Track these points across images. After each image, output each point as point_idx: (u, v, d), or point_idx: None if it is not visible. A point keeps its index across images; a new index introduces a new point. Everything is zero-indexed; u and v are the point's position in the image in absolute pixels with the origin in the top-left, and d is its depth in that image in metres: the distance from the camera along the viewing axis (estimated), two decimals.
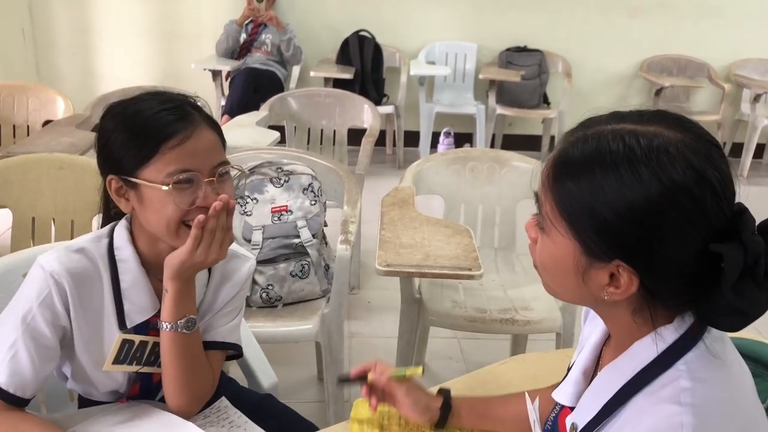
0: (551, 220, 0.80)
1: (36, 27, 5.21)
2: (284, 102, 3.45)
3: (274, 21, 4.85)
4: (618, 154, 0.74)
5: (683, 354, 0.78)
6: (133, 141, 1.10)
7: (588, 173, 0.75)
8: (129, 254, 1.18)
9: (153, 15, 5.21)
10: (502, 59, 5.18)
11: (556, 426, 0.97)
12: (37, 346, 1.13)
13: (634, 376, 0.80)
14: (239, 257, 1.32)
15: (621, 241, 0.75)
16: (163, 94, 1.14)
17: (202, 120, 1.13)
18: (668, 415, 0.74)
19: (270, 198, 2.06)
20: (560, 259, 0.81)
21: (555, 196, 0.79)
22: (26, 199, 1.98)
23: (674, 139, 0.75)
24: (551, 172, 0.80)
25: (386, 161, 5.15)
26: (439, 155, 2.51)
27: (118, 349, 1.18)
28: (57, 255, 1.15)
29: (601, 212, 0.75)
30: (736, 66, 5.27)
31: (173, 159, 1.08)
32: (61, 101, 3.27)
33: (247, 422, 1.22)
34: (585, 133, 0.79)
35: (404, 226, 1.91)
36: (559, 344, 2.12)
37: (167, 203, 1.09)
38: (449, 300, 2.18)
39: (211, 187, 1.11)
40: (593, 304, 0.86)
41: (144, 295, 1.19)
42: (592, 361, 0.94)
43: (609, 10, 5.21)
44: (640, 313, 0.80)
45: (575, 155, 0.78)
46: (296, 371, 2.54)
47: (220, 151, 1.15)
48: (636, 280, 0.76)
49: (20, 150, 2.36)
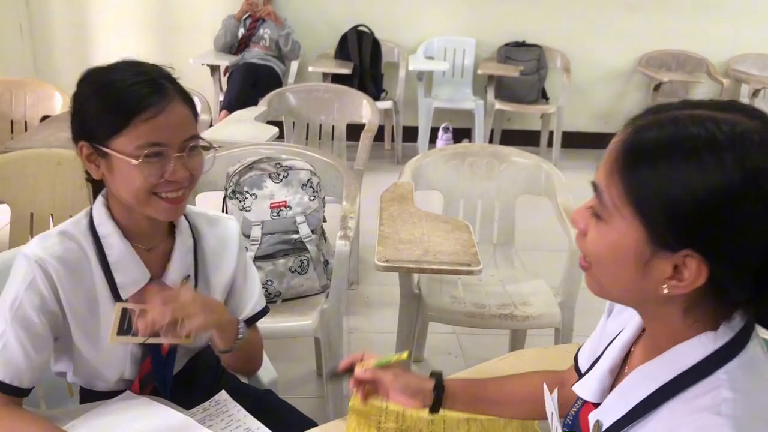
0: (616, 207, 0.76)
1: (33, 22, 5.19)
2: (283, 97, 3.45)
3: (272, 16, 4.84)
4: (699, 139, 0.71)
5: (725, 363, 0.75)
6: (106, 111, 1.10)
7: (665, 158, 0.72)
8: (110, 228, 1.18)
9: (151, 10, 5.20)
10: (500, 54, 5.18)
11: (577, 421, 0.95)
12: (28, 334, 1.14)
13: (670, 380, 0.78)
14: (221, 220, 1.35)
15: (696, 229, 0.71)
16: (140, 65, 1.15)
17: (176, 94, 1.13)
18: (707, 425, 0.72)
19: (269, 193, 2.06)
20: (621, 249, 0.77)
21: (625, 182, 0.75)
22: (24, 194, 1.98)
23: (756, 127, 0.72)
24: (621, 157, 0.76)
25: (385, 157, 5.14)
26: (438, 151, 2.51)
27: (119, 318, 1.18)
28: (38, 241, 1.16)
29: (677, 199, 0.71)
30: (735, 61, 5.27)
31: (144, 132, 1.09)
32: (59, 96, 3.26)
33: (247, 416, 1.22)
34: (658, 117, 0.76)
35: (403, 221, 1.91)
36: (557, 340, 2.12)
37: (136, 175, 1.10)
38: (448, 295, 2.18)
39: (180, 162, 1.12)
40: (642, 302, 0.82)
41: (133, 266, 1.20)
42: (620, 359, 0.91)
43: (608, 5, 5.21)
44: (692, 311, 0.77)
45: (650, 140, 0.74)
46: (295, 367, 2.54)
47: (192, 125, 1.16)
48: (705, 271, 0.72)
49: (18, 145, 2.35)
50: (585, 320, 2.50)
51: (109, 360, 1.24)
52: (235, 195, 2.05)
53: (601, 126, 5.43)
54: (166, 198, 1.14)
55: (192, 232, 1.29)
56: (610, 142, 0.79)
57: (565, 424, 0.99)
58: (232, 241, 1.34)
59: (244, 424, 1.20)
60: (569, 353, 1.35)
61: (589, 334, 1.07)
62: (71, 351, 1.22)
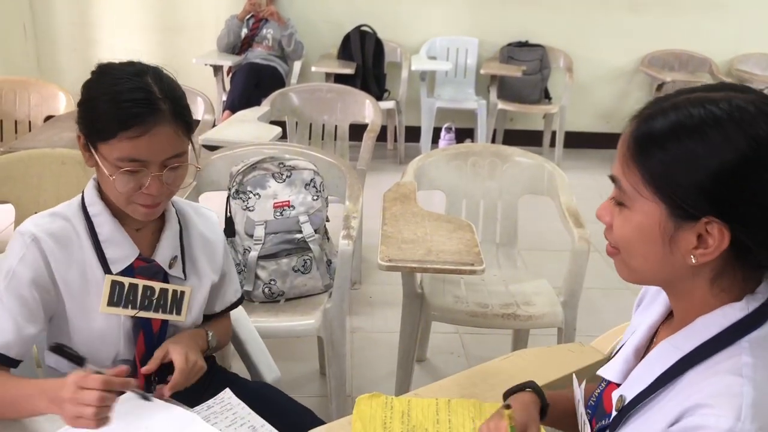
0: (636, 190, 0.82)
1: (37, 22, 5.20)
2: (286, 97, 3.45)
3: (275, 16, 4.84)
4: (701, 118, 0.77)
5: (748, 333, 0.80)
6: (102, 117, 1.16)
7: (675, 140, 0.78)
8: (101, 208, 1.25)
9: (154, 9, 5.21)
10: (503, 54, 5.18)
11: (601, 401, 0.97)
12: (19, 305, 1.19)
13: (693, 349, 0.82)
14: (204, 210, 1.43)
15: (712, 196, 0.77)
16: (144, 76, 1.18)
17: (169, 113, 1.17)
18: (729, 384, 0.76)
19: (272, 193, 2.06)
20: (646, 227, 0.82)
21: (640, 166, 0.81)
22: (29, 194, 1.99)
23: (749, 98, 0.78)
24: (633, 146, 0.82)
25: (387, 156, 5.15)
26: (440, 150, 2.52)
27: (109, 290, 1.24)
28: (31, 220, 1.23)
29: (691, 173, 0.77)
30: (738, 61, 5.26)
31: (126, 148, 1.15)
32: (63, 96, 3.27)
33: (251, 413, 1.23)
34: (660, 106, 0.82)
35: (406, 221, 1.92)
36: (560, 339, 2.12)
37: (112, 183, 1.18)
38: (451, 295, 2.19)
39: (157, 178, 1.18)
40: (672, 279, 0.85)
41: (123, 242, 1.26)
42: (646, 340, 0.94)
43: (610, 5, 5.21)
44: (719, 280, 0.82)
45: (657, 126, 0.80)
46: (298, 366, 2.55)
47: (178, 144, 1.20)
48: (728, 234, 0.77)
49: (22, 145, 2.36)
50: (588, 320, 2.51)
51: (103, 335, 1.27)
52: (238, 195, 2.06)
53: (603, 126, 5.43)
54: (142, 204, 1.21)
55: (178, 217, 1.35)
56: (618, 140, 0.84)
57: (588, 406, 1.01)
58: (217, 229, 1.43)
59: (249, 421, 1.21)
60: (572, 353, 1.36)
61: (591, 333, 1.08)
62: (67, 329, 1.25)
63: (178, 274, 1.32)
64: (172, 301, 1.29)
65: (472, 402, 1.21)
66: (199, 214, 1.41)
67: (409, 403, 1.20)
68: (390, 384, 2.21)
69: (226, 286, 1.46)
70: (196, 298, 1.35)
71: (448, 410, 1.18)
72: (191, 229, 1.37)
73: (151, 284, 1.27)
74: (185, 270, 1.33)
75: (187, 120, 1.22)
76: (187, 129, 1.22)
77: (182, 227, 1.35)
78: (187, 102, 1.23)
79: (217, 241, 1.41)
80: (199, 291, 1.36)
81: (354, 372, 2.48)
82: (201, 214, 1.42)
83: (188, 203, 1.42)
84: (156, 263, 1.28)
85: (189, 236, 1.36)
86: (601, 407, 0.96)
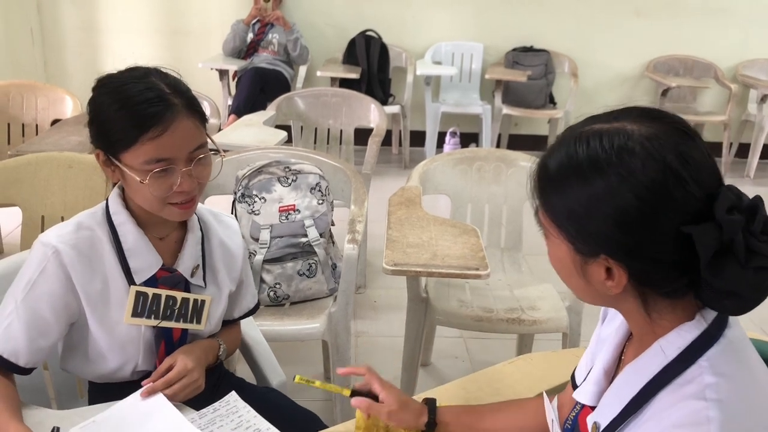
0: (546, 227, 0.86)
1: (44, 27, 5.23)
2: (291, 101, 3.46)
3: (281, 21, 4.86)
4: (584, 158, 0.79)
5: (705, 350, 0.79)
6: (117, 126, 1.16)
7: (564, 182, 0.81)
8: (125, 217, 1.24)
9: (160, 14, 5.23)
10: (508, 59, 5.18)
11: (577, 425, 0.97)
12: (34, 316, 1.19)
13: (657, 373, 0.81)
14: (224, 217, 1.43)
15: (600, 237, 0.79)
16: (149, 77, 1.18)
17: (183, 107, 1.17)
18: (694, 410, 0.75)
19: (278, 197, 2.07)
20: (562, 261, 0.85)
21: (542, 205, 0.85)
22: (36, 197, 2.00)
23: (637, 133, 0.77)
24: (535, 184, 0.86)
25: (392, 161, 5.15)
26: (445, 155, 2.52)
27: (134, 301, 1.23)
28: (55, 230, 1.22)
29: (578, 215, 0.79)
30: (743, 66, 5.25)
31: (150, 149, 1.15)
32: (69, 100, 3.29)
33: (256, 417, 1.23)
34: (561, 139, 0.84)
35: (411, 225, 1.92)
36: (565, 344, 2.12)
37: (145, 189, 1.17)
38: (456, 299, 2.19)
39: (187, 174, 1.18)
40: (610, 303, 0.87)
41: (147, 252, 1.25)
42: (614, 360, 0.94)
43: (616, 10, 5.21)
44: (649, 304, 0.82)
45: (551, 166, 0.83)
46: (302, 370, 2.52)
47: (199, 135, 1.20)
48: (623, 271, 0.79)
49: (30, 149, 2.37)
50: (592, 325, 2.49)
51: (124, 345, 1.27)
52: (244, 198, 2.07)
53: None
54: (176, 204, 1.20)
55: (200, 224, 1.34)
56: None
57: (565, 429, 1.01)
58: (238, 238, 1.42)
59: (254, 425, 1.21)
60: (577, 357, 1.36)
61: None
62: (87, 338, 1.25)
63: (199, 283, 1.32)
64: (193, 310, 1.30)
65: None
66: (220, 221, 1.41)
67: None
68: None
69: (244, 292, 1.46)
70: (215, 306, 1.35)
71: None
72: (212, 238, 1.37)
73: (173, 294, 1.27)
74: (205, 278, 1.34)
75: (200, 110, 1.22)
76: (203, 119, 1.22)
77: (204, 235, 1.35)
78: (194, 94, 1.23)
79: (236, 250, 1.41)
80: (219, 300, 1.36)
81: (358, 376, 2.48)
82: (222, 221, 1.41)
83: (209, 210, 1.41)
84: (178, 273, 1.28)
85: (210, 244, 1.36)
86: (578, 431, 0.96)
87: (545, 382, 1.26)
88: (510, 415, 1.13)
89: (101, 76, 1.21)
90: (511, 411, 1.14)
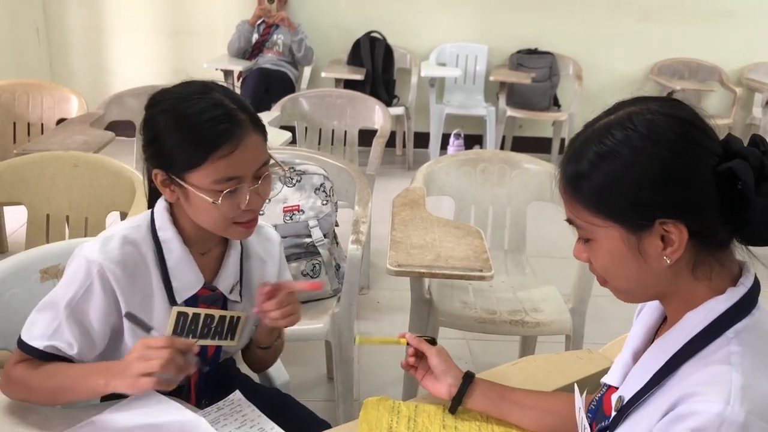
0: (590, 223, 0.88)
1: (50, 26, 5.25)
2: (296, 102, 3.47)
3: (285, 22, 4.87)
4: (611, 142, 0.85)
5: (733, 324, 0.83)
6: (184, 146, 1.11)
7: (597, 170, 0.86)
8: (171, 234, 1.21)
9: (165, 14, 5.24)
10: (512, 61, 5.19)
11: (601, 404, 1.00)
12: (80, 332, 1.17)
13: (683, 345, 0.85)
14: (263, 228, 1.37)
15: (651, 202, 0.83)
16: (211, 93, 1.14)
17: (249, 123, 1.14)
18: (717, 372, 0.80)
19: (282, 197, 2.08)
20: (615, 250, 0.87)
21: (581, 203, 0.88)
22: (41, 196, 2.01)
23: (642, 108, 0.87)
24: (568, 188, 0.90)
25: (396, 162, 5.16)
26: (450, 156, 2.52)
27: (174, 322, 1.21)
28: (100, 245, 1.17)
29: (623, 191, 0.84)
30: (748, 70, 5.25)
31: (221, 167, 1.11)
32: (75, 99, 3.30)
33: (261, 416, 1.23)
34: (574, 147, 0.90)
35: (415, 226, 1.92)
36: (568, 346, 2.12)
37: (213, 210, 1.14)
38: (459, 301, 2.19)
39: (254, 192, 1.15)
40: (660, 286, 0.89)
41: (190, 271, 1.22)
42: (644, 344, 0.97)
43: (620, 12, 5.21)
44: (700, 268, 0.86)
45: (579, 165, 0.88)
46: (306, 370, 2.55)
47: (264, 151, 1.17)
48: (683, 227, 0.83)
49: (35, 148, 2.38)
50: (596, 327, 2.50)
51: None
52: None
53: None
54: (242, 223, 1.18)
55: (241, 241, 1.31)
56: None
57: (589, 410, 1.03)
58: (276, 249, 1.38)
59: (258, 424, 1.21)
60: (580, 359, 1.36)
61: (599, 340, 1.09)
62: (120, 351, 1.23)
63: (236, 298, 1.29)
64: (228, 326, 1.28)
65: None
66: (260, 233, 1.35)
67: (416, 408, 1.20)
68: (397, 389, 2.21)
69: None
70: (248, 322, 1.33)
71: (455, 416, 1.19)
72: (252, 254, 1.33)
73: (211, 312, 1.25)
74: (241, 293, 1.31)
75: (263, 126, 1.18)
76: (265, 135, 1.18)
77: (243, 250, 1.32)
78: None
79: (273, 265, 1.37)
80: (252, 315, 1.33)
81: (361, 377, 2.49)
82: (261, 233, 1.36)
83: None
84: (219, 291, 1.26)
85: (249, 261, 1.33)
86: (601, 410, 0.99)
87: (548, 384, 1.26)
88: (540, 397, 1.17)
89: (156, 92, 1.16)
90: (542, 395, 1.18)
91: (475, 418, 1.19)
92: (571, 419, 1.07)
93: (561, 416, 1.11)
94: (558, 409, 1.13)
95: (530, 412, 1.14)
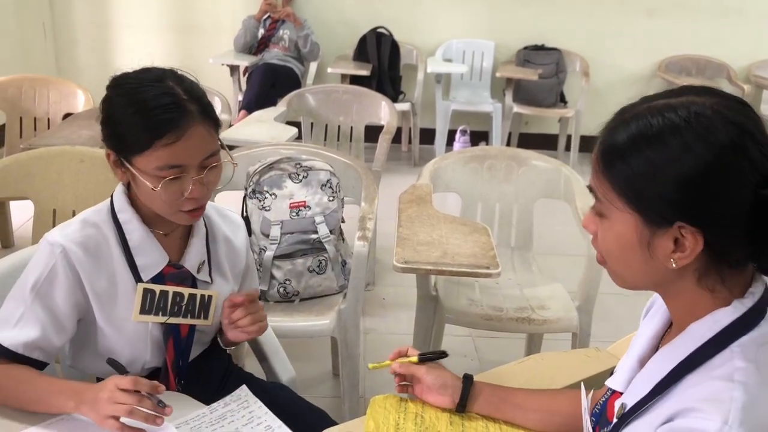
0: (610, 201, 0.85)
1: (56, 22, 5.26)
2: (302, 98, 3.46)
3: (291, 17, 4.86)
4: (660, 127, 0.79)
5: (738, 337, 0.81)
6: (132, 129, 1.14)
7: (636, 152, 0.81)
8: (131, 215, 1.24)
9: (171, 9, 5.25)
10: (519, 57, 5.17)
11: (605, 409, 0.99)
12: (47, 315, 1.18)
13: (687, 356, 0.83)
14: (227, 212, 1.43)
15: (680, 203, 0.79)
16: (165, 81, 1.16)
17: (198, 113, 1.16)
18: (719, 389, 0.77)
19: (288, 193, 2.07)
20: (624, 236, 0.84)
21: (609, 180, 0.84)
22: (48, 191, 2.00)
23: (707, 102, 0.80)
24: (601, 160, 0.85)
25: (402, 158, 5.15)
26: (456, 153, 2.52)
27: (141, 298, 1.23)
28: (60, 229, 1.21)
29: (658, 184, 0.79)
30: (756, 67, 5.22)
31: (164, 155, 1.14)
32: (81, 94, 3.31)
33: (267, 413, 1.23)
34: (623, 117, 0.84)
35: (422, 223, 1.91)
36: (575, 344, 2.11)
37: (156, 195, 1.17)
38: (465, 298, 2.18)
39: (198, 181, 1.17)
40: (660, 283, 0.87)
41: (153, 250, 1.25)
42: (650, 349, 0.96)
43: (627, 9, 5.19)
44: (705, 279, 0.83)
45: (620, 139, 0.82)
46: (311, 366, 2.55)
47: (212, 142, 1.20)
48: (700, 237, 0.79)
49: (42, 143, 2.39)
50: (602, 325, 2.50)
51: (132, 342, 1.27)
52: (254, 194, 2.07)
53: None
54: (188, 211, 1.20)
55: (204, 221, 1.34)
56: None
57: (593, 414, 1.02)
58: (241, 233, 1.43)
59: (265, 421, 1.21)
60: (587, 357, 1.36)
61: (606, 338, 1.08)
62: (95, 336, 1.25)
63: (205, 278, 1.32)
64: (200, 306, 1.30)
65: None
66: (224, 217, 1.40)
67: (423, 405, 1.20)
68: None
69: (249, 282, 1.48)
70: (221, 302, 1.35)
71: (463, 414, 1.18)
72: (217, 233, 1.37)
73: (180, 290, 1.27)
74: (211, 274, 1.34)
75: (215, 117, 1.21)
76: (216, 126, 1.21)
77: (208, 231, 1.35)
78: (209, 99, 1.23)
79: (240, 246, 1.41)
80: (225, 295, 1.36)
81: (367, 373, 2.48)
82: (225, 216, 1.41)
83: (212, 205, 1.41)
84: (185, 269, 1.29)
85: (215, 240, 1.36)
86: (605, 415, 0.98)
87: (555, 383, 1.25)
88: (543, 398, 1.16)
89: (116, 75, 1.19)
90: (545, 396, 1.17)
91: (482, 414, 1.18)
92: (575, 418, 1.06)
93: (566, 416, 1.11)
94: (562, 410, 1.12)
95: (534, 415, 1.14)
